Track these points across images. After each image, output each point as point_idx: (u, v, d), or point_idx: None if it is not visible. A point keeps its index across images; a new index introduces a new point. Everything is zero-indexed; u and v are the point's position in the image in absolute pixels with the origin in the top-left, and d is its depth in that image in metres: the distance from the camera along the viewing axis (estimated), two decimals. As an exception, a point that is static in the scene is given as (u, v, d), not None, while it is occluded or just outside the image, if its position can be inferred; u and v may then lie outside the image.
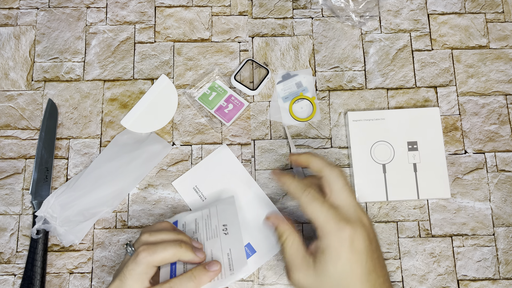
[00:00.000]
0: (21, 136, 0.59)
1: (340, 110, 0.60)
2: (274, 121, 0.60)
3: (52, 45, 0.62)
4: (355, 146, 0.57)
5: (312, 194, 0.41)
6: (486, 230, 0.57)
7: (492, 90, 0.61)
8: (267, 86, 0.61)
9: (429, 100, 0.61)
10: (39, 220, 0.54)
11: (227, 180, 0.58)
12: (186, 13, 0.63)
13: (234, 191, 0.57)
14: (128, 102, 0.60)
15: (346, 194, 0.41)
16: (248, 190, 0.57)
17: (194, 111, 0.60)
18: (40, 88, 0.61)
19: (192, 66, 0.62)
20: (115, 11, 0.63)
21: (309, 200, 0.41)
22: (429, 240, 0.56)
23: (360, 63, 0.62)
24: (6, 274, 0.55)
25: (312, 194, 0.41)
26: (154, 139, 0.59)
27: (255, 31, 0.63)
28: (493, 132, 0.60)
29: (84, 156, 0.59)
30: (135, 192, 0.58)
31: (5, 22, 0.63)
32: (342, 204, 0.41)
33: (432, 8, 0.64)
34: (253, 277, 0.55)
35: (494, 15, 0.63)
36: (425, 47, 0.62)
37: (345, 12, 0.62)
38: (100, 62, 0.62)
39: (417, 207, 0.57)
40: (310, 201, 0.41)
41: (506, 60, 0.62)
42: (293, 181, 0.44)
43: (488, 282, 0.55)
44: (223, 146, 0.59)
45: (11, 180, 0.58)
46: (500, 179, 0.58)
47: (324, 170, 0.43)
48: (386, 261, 0.56)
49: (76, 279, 0.55)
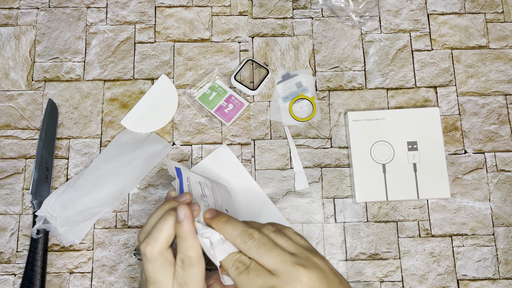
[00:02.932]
0: (21, 136, 0.59)
1: (340, 110, 0.60)
2: (274, 121, 0.60)
3: (52, 45, 0.62)
4: (355, 146, 0.57)
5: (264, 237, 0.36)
6: (486, 230, 0.57)
7: (492, 90, 0.61)
8: (267, 86, 0.61)
9: (429, 100, 0.61)
10: (39, 220, 0.54)
11: (227, 180, 0.58)
12: (186, 13, 0.63)
13: (234, 191, 0.57)
14: (128, 102, 0.61)
15: (297, 238, 0.38)
16: (248, 190, 0.57)
17: (194, 111, 0.60)
18: (40, 88, 0.61)
19: (192, 66, 0.62)
20: (115, 11, 0.63)
21: (258, 244, 0.36)
22: (429, 240, 0.56)
23: (360, 63, 0.62)
24: (6, 274, 0.55)
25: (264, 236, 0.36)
26: (154, 139, 0.59)
27: (255, 31, 0.63)
28: (493, 132, 0.60)
29: (84, 156, 0.59)
30: (135, 192, 0.58)
31: (5, 22, 0.63)
32: (295, 251, 0.36)
33: (432, 8, 0.64)
34: (253, 277, 0.55)
35: (494, 15, 0.63)
36: (425, 47, 0.62)
37: (345, 12, 0.62)
38: (100, 62, 0.62)
39: (417, 207, 0.57)
40: (259, 244, 0.36)
41: (506, 60, 0.62)
42: (237, 224, 0.38)
43: (488, 282, 0.55)
44: (223, 146, 0.59)
45: (11, 180, 0.58)
46: (500, 179, 0.58)
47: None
48: (386, 261, 0.56)
49: (76, 279, 0.55)
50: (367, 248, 0.56)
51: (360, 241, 0.56)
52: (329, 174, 0.58)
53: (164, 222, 0.37)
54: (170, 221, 0.37)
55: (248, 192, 0.57)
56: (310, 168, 0.59)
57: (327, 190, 0.58)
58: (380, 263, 0.56)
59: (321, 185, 0.58)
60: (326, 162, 0.59)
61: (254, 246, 0.36)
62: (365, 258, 0.56)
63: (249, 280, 0.35)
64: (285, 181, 0.58)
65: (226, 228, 0.38)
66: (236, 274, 0.35)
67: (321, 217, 0.57)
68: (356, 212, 0.57)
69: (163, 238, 0.37)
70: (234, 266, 0.36)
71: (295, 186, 0.58)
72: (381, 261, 0.56)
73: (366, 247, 0.56)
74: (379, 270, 0.56)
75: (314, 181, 0.58)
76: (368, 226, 0.57)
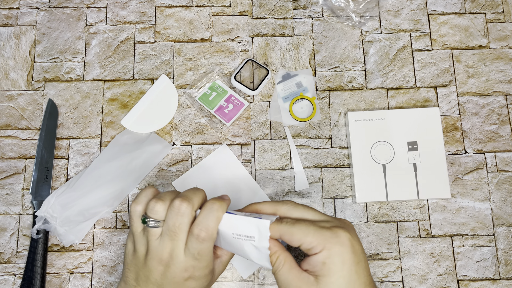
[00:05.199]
0: (21, 136, 0.59)
1: (340, 110, 0.60)
2: (274, 121, 0.60)
3: (52, 45, 0.62)
4: (355, 146, 0.57)
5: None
6: (486, 230, 0.57)
7: (492, 90, 0.61)
8: (267, 86, 0.61)
9: (429, 100, 0.61)
10: (39, 220, 0.54)
11: (227, 180, 0.58)
12: (186, 13, 0.63)
13: (234, 191, 0.57)
14: (128, 102, 0.61)
15: (313, 212, 0.41)
16: (248, 190, 0.57)
17: (194, 111, 0.60)
18: (40, 88, 0.61)
19: (192, 66, 0.62)
20: (115, 11, 0.63)
21: (292, 222, 0.39)
22: (429, 240, 0.56)
23: (360, 63, 0.62)
24: (6, 274, 0.55)
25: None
26: (154, 139, 0.59)
27: (255, 31, 0.63)
28: (493, 132, 0.60)
29: (84, 156, 0.59)
30: (135, 192, 0.58)
31: (5, 22, 0.63)
32: (323, 217, 0.40)
33: (432, 8, 0.64)
34: (253, 277, 0.55)
35: (494, 15, 0.63)
36: (425, 47, 0.62)
37: (345, 12, 0.62)
38: (100, 62, 0.62)
39: (417, 207, 0.57)
40: (293, 222, 0.39)
41: (506, 60, 0.62)
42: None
43: (488, 282, 0.55)
44: (223, 146, 0.59)
45: (11, 180, 0.58)
46: (500, 179, 0.58)
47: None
48: (386, 261, 0.56)
49: (76, 279, 0.55)
50: (367, 248, 0.56)
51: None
52: (329, 174, 0.58)
53: (212, 210, 0.39)
54: (216, 209, 0.39)
55: (248, 192, 0.57)
56: (310, 168, 0.59)
57: (327, 190, 0.58)
58: (380, 263, 0.56)
59: (321, 185, 0.58)
60: (326, 162, 0.59)
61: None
62: (365, 258, 0.56)
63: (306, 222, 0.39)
64: (285, 181, 0.58)
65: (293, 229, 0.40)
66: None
67: (321, 217, 0.57)
68: (356, 212, 0.57)
69: (214, 224, 0.39)
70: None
71: (295, 186, 0.58)
72: (381, 261, 0.56)
73: (366, 247, 0.56)
74: (379, 270, 0.56)
75: (314, 181, 0.58)
76: (368, 226, 0.57)
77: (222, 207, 0.40)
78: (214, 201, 0.40)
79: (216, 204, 0.40)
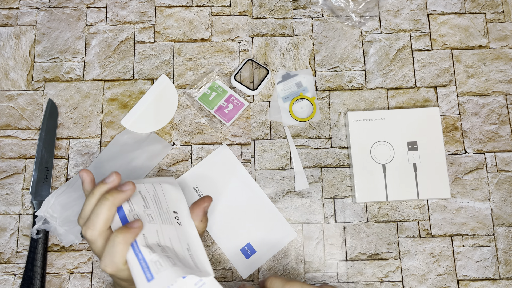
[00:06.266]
0: (21, 136, 0.59)
1: (340, 110, 0.60)
2: (274, 121, 0.60)
3: (52, 45, 0.62)
4: (355, 146, 0.57)
5: None
6: (486, 230, 0.57)
7: (492, 90, 0.61)
8: (267, 86, 0.61)
9: (429, 100, 0.61)
10: (39, 220, 0.54)
11: (227, 180, 0.58)
12: (186, 13, 0.63)
13: (234, 191, 0.57)
14: (128, 102, 0.61)
15: None
16: (248, 190, 0.57)
17: (194, 111, 0.60)
18: (40, 88, 0.61)
19: (192, 66, 0.62)
20: (115, 11, 0.63)
21: None
22: (429, 240, 0.56)
23: (360, 63, 0.62)
24: (6, 274, 0.55)
25: None
26: (154, 139, 0.59)
27: (255, 31, 0.63)
28: (493, 132, 0.60)
29: (84, 156, 0.59)
30: (135, 192, 0.58)
31: (5, 22, 0.63)
32: None
33: (432, 8, 0.64)
34: (253, 277, 0.55)
35: (494, 15, 0.63)
36: (425, 47, 0.62)
37: (345, 12, 0.62)
38: (100, 62, 0.62)
39: (417, 207, 0.57)
40: None
41: (506, 60, 0.62)
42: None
43: (488, 282, 0.55)
44: (223, 146, 0.59)
45: (11, 180, 0.58)
46: (500, 179, 0.58)
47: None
48: (386, 261, 0.56)
49: (76, 279, 0.55)
50: (367, 248, 0.56)
51: (360, 241, 0.56)
52: (329, 174, 0.58)
53: (101, 206, 0.40)
54: (106, 205, 0.40)
55: (248, 192, 0.57)
56: (310, 168, 0.59)
57: (327, 190, 0.58)
58: (380, 263, 0.56)
59: (321, 185, 0.58)
60: (326, 162, 0.59)
61: None
62: (365, 258, 0.56)
63: None
64: (285, 181, 0.58)
65: None
66: None
67: (321, 217, 0.57)
68: (356, 212, 0.57)
69: (101, 221, 0.40)
70: None
71: (295, 186, 0.58)
72: (381, 261, 0.56)
73: (366, 247, 0.56)
74: (379, 270, 0.56)
75: (314, 181, 0.58)
76: (368, 226, 0.57)
77: (126, 239, 0.39)
78: (117, 233, 0.39)
79: (119, 237, 0.39)
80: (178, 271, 0.38)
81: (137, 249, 0.40)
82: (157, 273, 0.38)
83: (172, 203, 0.46)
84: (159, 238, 0.41)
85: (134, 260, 0.39)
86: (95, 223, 0.40)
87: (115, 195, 0.41)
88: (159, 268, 0.38)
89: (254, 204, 0.57)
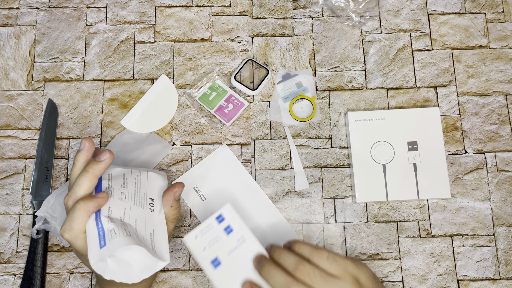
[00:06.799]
0: (21, 136, 0.59)
1: (340, 110, 0.60)
2: (274, 121, 0.60)
3: (52, 45, 0.62)
4: (355, 146, 0.57)
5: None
6: (486, 230, 0.57)
7: (492, 90, 0.61)
8: (267, 86, 0.61)
9: (429, 100, 0.61)
10: (39, 220, 0.54)
11: (227, 180, 0.58)
12: (186, 13, 0.63)
13: (234, 191, 0.57)
14: (128, 102, 0.61)
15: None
16: (248, 190, 0.57)
17: (194, 111, 0.60)
18: (40, 88, 0.61)
19: (192, 66, 0.62)
20: (115, 11, 0.63)
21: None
22: (429, 240, 0.56)
23: (360, 63, 0.62)
24: (6, 274, 0.55)
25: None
26: (154, 139, 0.59)
27: (255, 31, 0.63)
28: (493, 132, 0.60)
29: (84, 156, 0.59)
30: (135, 192, 0.58)
31: (5, 22, 0.63)
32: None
33: (432, 8, 0.64)
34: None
35: (494, 15, 0.63)
36: (425, 47, 0.62)
37: (345, 12, 0.62)
38: (100, 62, 0.62)
39: (417, 207, 0.57)
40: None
41: (506, 60, 0.62)
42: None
43: (488, 282, 0.55)
44: (223, 146, 0.59)
45: (11, 180, 0.58)
46: (500, 179, 0.58)
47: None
48: (386, 261, 0.56)
49: (76, 279, 0.55)
50: (367, 248, 0.56)
51: (360, 241, 0.56)
52: (329, 174, 0.58)
53: (82, 178, 0.42)
54: (87, 177, 0.42)
55: (248, 193, 0.57)
56: (310, 168, 0.58)
57: (327, 190, 0.58)
58: (380, 263, 0.56)
59: (321, 185, 0.58)
60: (326, 162, 0.59)
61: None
62: (365, 258, 0.56)
63: None
64: (285, 181, 0.58)
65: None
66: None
67: (321, 217, 0.57)
68: (356, 212, 0.57)
69: (82, 192, 0.42)
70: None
71: (295, 186, 0.58)
72: (381, 261, 0.56)
73: (366, 247, 0.56)
74: (379, 270, 0.56)
75: (314, 181, 0.58)
76: (368, 226, 0.57)
77: (86, 206, 0.41)
78: (79, 201, 0.41)
79: (80, 204, 0.41)
80: (130, 240, 0.40)
81: (98, 219, 0.42)
82: (110, 241, 0.40)
83: (151, 191, 0.48)
84: (125, 215, 0.43)
85: (94, 228, 0.41)
86: (76, 193, 0.42)
87: (94, 167, 0.43)
88: (112, 235, 0.40)
89: (254, 204, 0.57)
